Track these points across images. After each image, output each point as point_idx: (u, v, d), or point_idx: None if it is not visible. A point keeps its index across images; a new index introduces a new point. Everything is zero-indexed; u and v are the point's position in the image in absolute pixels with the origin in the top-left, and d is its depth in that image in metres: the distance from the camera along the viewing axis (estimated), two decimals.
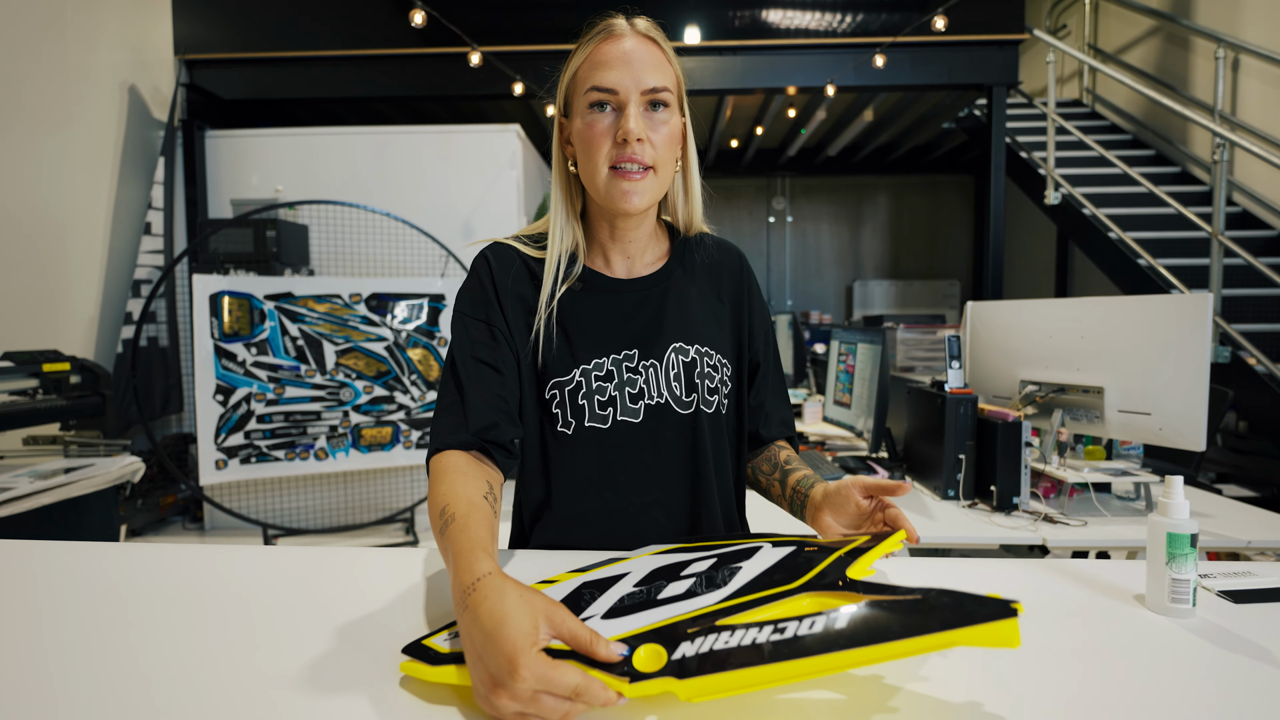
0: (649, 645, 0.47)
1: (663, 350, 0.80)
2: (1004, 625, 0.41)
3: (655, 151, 0.75)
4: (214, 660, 0.54)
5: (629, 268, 0.84)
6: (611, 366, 0.78)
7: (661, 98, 0.75)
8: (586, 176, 0.77)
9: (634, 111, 0.73)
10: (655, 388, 0.79)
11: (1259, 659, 0.53)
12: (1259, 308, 3.06)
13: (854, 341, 2.17)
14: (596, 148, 0.74)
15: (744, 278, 0.89)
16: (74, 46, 3.07)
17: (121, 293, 3.33)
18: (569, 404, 0.77)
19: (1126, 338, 1.53)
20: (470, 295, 0.80)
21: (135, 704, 0.48)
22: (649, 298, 0.82)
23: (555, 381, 0.77)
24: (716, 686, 0.43)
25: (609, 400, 0.77)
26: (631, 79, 0.73)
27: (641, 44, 0.75)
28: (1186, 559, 0.59)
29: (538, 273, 0.80)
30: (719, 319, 0.86)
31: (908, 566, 0.73)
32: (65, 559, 0.78)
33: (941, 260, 6.93)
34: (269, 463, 2.98)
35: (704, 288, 0.86)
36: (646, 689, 0.44)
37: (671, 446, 0.79)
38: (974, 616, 0.42)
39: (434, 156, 3.62)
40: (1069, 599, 0.64)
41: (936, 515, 1.53)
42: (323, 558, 0.78)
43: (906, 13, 3.67)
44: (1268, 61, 3.46)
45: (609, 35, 0.75)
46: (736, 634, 0.46)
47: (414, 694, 0.49)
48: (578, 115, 0.76)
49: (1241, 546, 1.40)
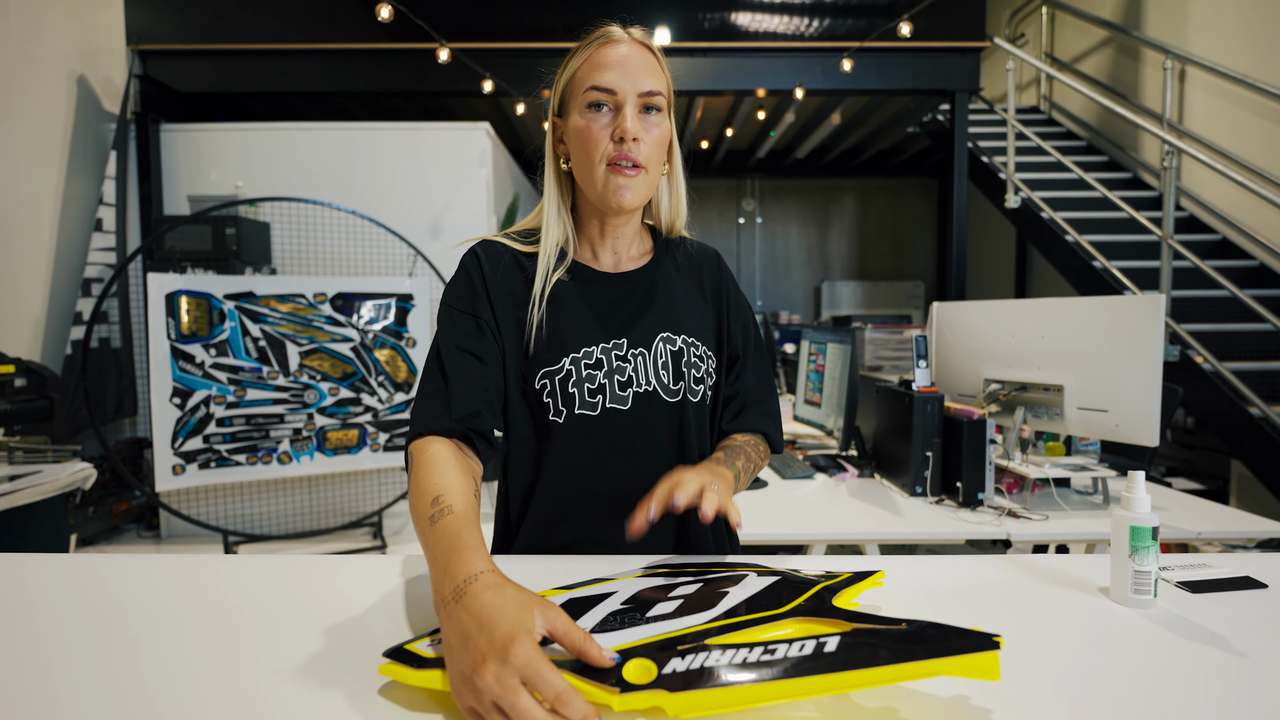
0: (639, 659, 0.47)
1: (651, 339, 0.82)
2: (985, 657, 0.43)
3: (647, 151, 0.78)
4: (181, 675, 0.52)
5: (616, 262, 0.86)
6: (601, 355, 0.80)
7: (655, 101, 0.78)
8: (582, 173, 0.79)
9: (630, 112, 0.76)
10: (644, 375, 0.81)
11: (1217, 646, 0.55)
12: (1205, 308, 3.19)
13: (824, 341, 2.20)
14: (595, 144, 0.77)
15: (722, 274, 0.93)
16: (17, 34, 2.93)
17: (70, 292, 3.19)
18: (559, 392, 0.79)
19: (1085, 337, 1.58)
20: (458, 289, 0.81)
21: None
22: (636, 290, 0.85)
23: (545, 371, 0.79)
24: (705, 703, 0.43)
25: (598, 388, 0.79)
26: (629, 81, 0.76)
27: (638, 50, 0.78)
28: (1148, 551, 0.61)
29: (526, 267, 0.82)
30: (702, 312, 0.89)
31: (895, 566, 0.74)
32: (13, 571, 0.74)
33: (907, 261, 7.08)
34: (229, 467, 2.88)
35: (687, 283, 0.90)
36: (636, 701, 0.43)
37: (659, 433, 0.81)
38: (959, 648, 0.44)
39: (402, 154, 3.55)
40: (1036, 592, 0.66)
41: (905, 512, 1.56)
42: (289, 566, 0.76)
43: (873, 18, 3.74)
44: (1211, 73, 3.62)
45: (608, 40, 0.78)
46: (727, 653, 0.46)
47: (394, 702, 0.48)
48: (575, 113, 0.79)
49: (1191, 537, 1.46)
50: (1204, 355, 2.78)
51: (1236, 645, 0.55)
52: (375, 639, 0.58)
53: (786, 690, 0.42)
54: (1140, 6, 4.23)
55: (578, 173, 0.81)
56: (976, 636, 0.45)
